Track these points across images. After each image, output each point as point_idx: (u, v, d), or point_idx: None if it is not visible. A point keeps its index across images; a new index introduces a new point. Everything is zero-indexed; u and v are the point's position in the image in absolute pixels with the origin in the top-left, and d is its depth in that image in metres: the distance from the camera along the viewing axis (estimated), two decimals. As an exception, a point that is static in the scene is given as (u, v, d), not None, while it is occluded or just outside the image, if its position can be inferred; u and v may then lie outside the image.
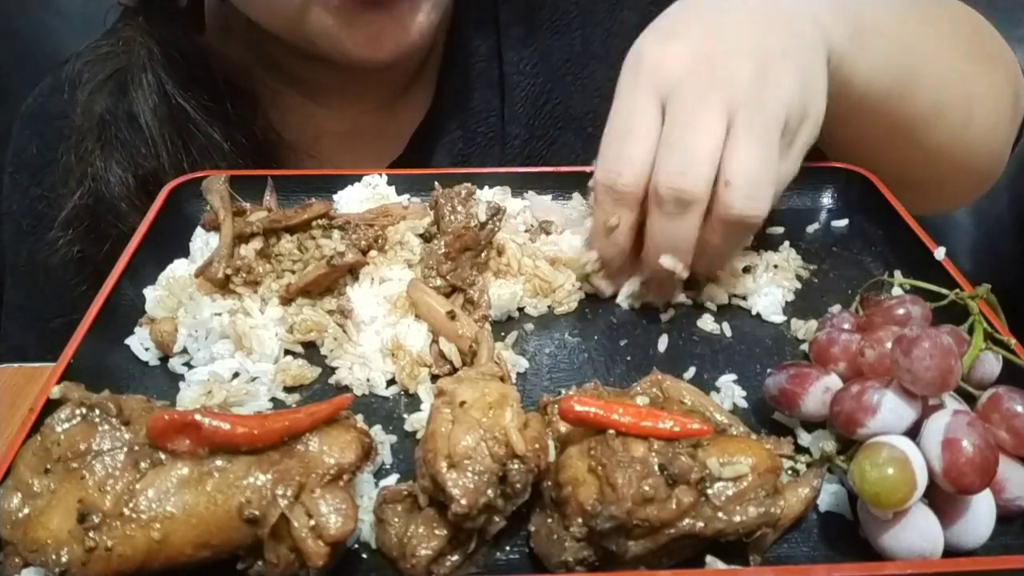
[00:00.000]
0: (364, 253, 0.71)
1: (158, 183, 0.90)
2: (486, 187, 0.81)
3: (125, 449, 0.49)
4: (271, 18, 0.87)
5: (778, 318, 0.71)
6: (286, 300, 0.68)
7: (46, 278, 1.00)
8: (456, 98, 1.00)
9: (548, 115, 1.00)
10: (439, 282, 0.68)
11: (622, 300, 0.72)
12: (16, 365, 0.76)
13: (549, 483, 0.51)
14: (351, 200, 0.80)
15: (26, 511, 0.47)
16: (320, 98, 1.02)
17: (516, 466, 0.49)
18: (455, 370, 0.63)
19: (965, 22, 0.88)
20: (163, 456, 0.48)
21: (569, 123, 1.00)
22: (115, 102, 0.93)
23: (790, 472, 0.55)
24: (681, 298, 0.72)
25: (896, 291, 0.70)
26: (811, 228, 0.82)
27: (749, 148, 0.62)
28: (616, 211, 0.66)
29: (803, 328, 0.69)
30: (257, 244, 0.70)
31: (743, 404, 0.62)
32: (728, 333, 0.69)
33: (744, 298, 0.72)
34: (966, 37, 0.86)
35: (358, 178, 0.82)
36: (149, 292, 0.69)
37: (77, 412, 0.50)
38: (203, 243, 0.74)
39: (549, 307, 0.71)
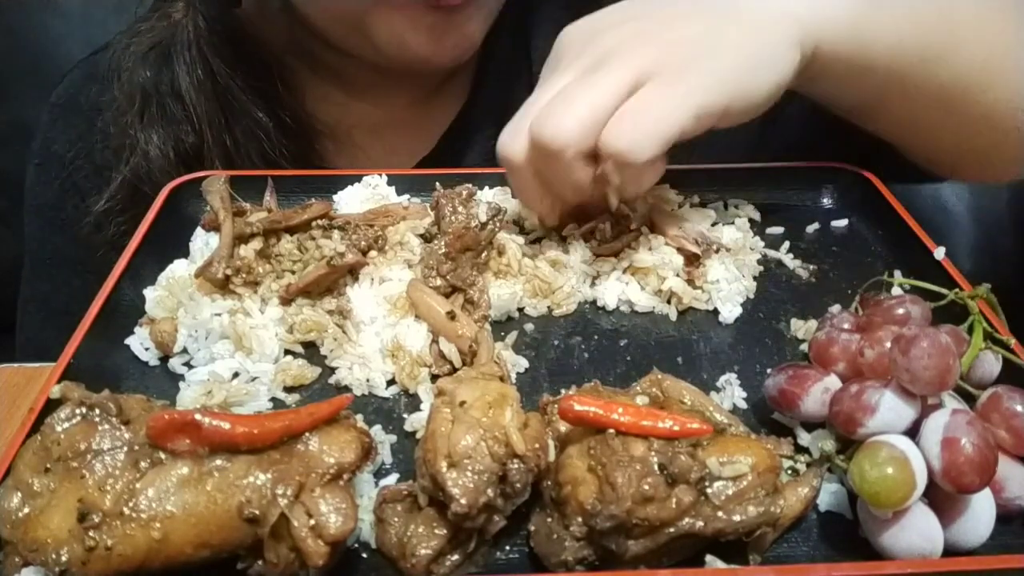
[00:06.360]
0: (364, 253, 0.71)
1: (199, 159, 0.90)
2: (486, 187, 0.81)
3: (125, 449, 0.49)
4: (332, 19, 0.87)
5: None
6: (286, 300, 0.68)
7: (72, 271, 0.99)
8: (490, 96, 1.00)
9: None
10: (439, 282, 0.68)
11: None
12: (16, 365, 0.76)
13: (549, 483, 0.51)
14: (351, 200, 0.80)
15: (26, 511, 0.47)
16: (353, 91, 1.01)
17: (516, 466, 0.49)
18: (455, 370, 0.63)
19: None
20: (163, 456, 0.48)
21: None
22: (157, 75, 0.93)
23: (790, 472, 0.55)
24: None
25: (896, 291, 0.70)
26: (811, 228, 0.82)
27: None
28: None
29: (803, 328, 0.69)
30: (257, 244, 0.70)
31: (743, 404, 0.62)
32: (728, 333, 0.69)
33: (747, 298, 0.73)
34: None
35: (358, 178, 0.82)
36: (149, 292, 0.69)
37: (77, 412, 0.50)
38: (203, 243, 0.74)
39: (549, 307, 0.71)
